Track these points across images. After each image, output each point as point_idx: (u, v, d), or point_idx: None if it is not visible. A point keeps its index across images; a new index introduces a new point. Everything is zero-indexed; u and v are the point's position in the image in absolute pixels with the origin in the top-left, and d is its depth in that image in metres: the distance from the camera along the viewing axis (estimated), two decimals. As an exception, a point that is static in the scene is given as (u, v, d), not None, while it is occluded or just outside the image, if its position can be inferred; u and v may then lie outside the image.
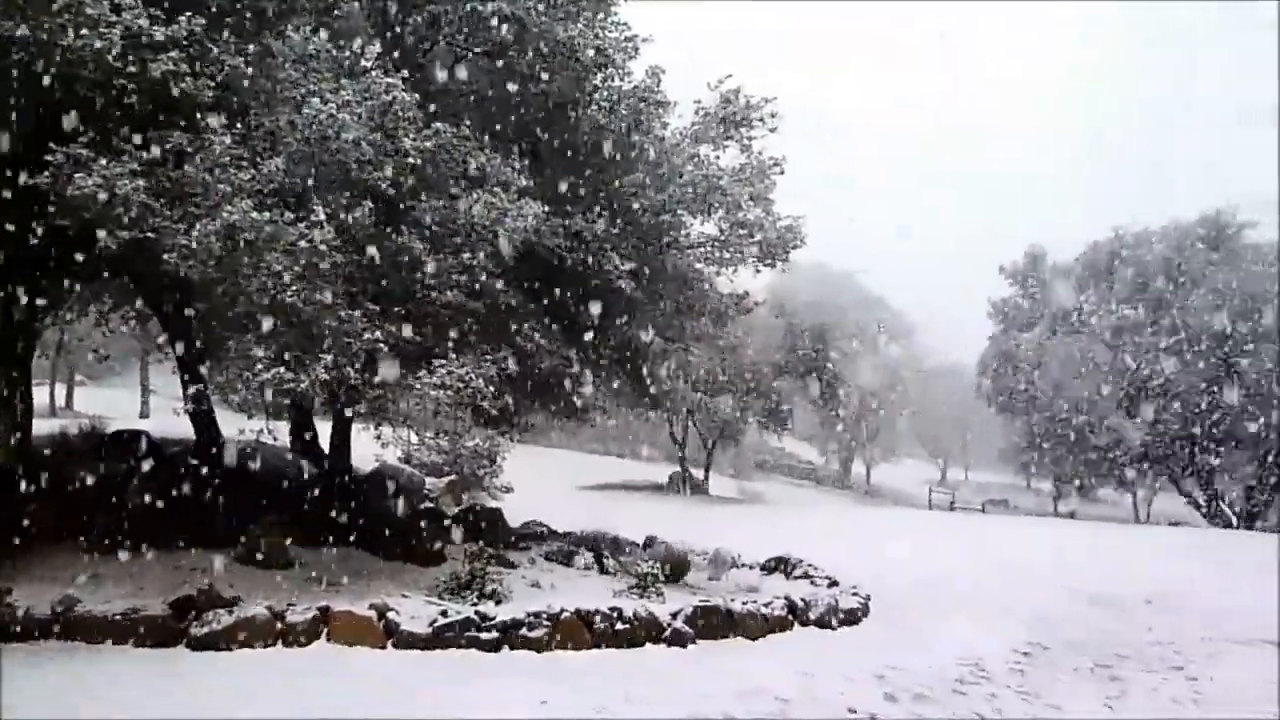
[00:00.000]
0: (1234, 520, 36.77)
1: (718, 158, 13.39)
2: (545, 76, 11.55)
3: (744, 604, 10.37)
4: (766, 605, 10.58)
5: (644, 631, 9.28)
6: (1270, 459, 35.81)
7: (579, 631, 8.95)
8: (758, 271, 14.18)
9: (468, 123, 10.47)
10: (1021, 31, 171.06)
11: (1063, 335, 38.84)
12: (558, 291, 12.26)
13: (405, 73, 9.97)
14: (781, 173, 13.39)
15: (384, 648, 8.30)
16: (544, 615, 8.85)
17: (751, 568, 13.81)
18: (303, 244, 8.56)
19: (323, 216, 8.90)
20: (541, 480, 32.59)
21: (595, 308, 12.47)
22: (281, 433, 13.21)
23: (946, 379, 62.79)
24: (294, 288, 8.54)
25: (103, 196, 7.92)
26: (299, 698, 6.68)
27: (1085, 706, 8.19)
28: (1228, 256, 36.62)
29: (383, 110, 9.42)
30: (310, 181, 9.34)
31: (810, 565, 13.70)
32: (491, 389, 9.86)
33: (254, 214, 8.32)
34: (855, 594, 12.09)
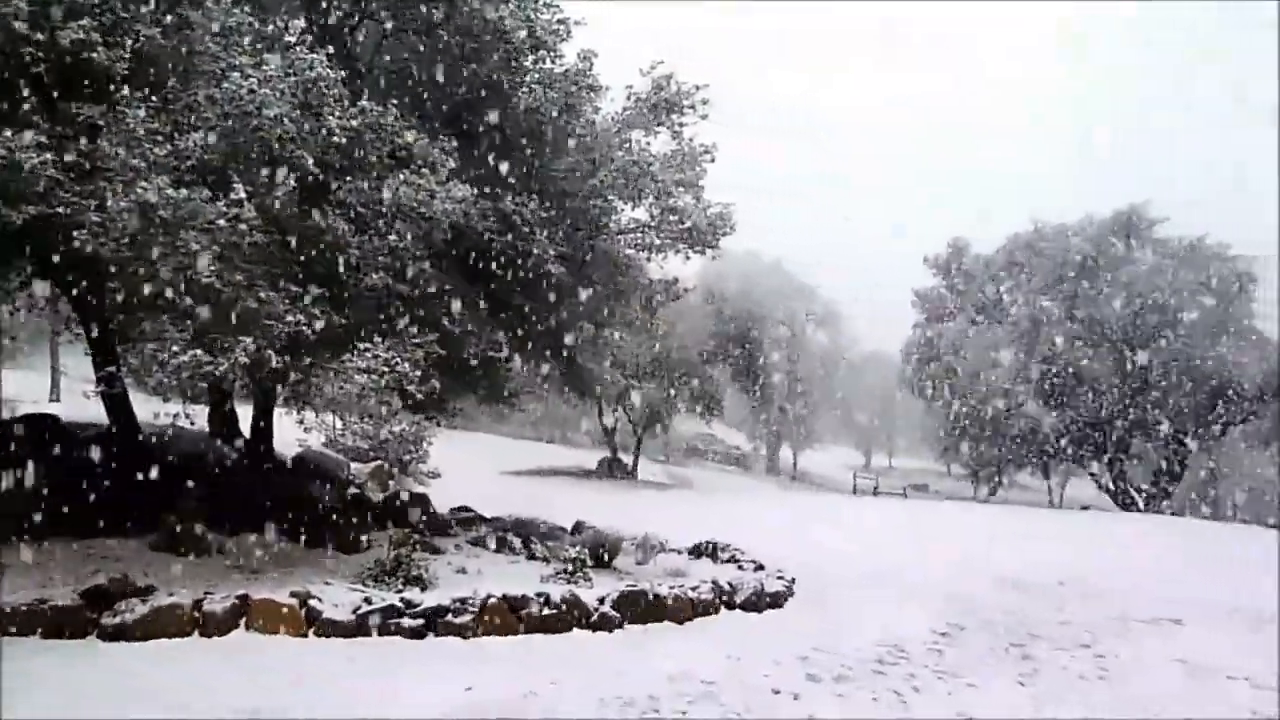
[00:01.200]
0: (1140, 504, 38.32)
1: (649, 144, 13.41)
2: (475, 58, 11.39)
3: (671, 588, 10.44)
4: (694, 589, 10.67)
5: (571, 616, 9.28)
6: (1174, 446, 37.41)
7: (506, 617, 8.91)
8: (687, 258, 14.27)
9: (395, 102, 10.26)
10: (1020, 31, 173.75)
11: (983, 325, 39.89)
12: (487, 275, 12.15)
13: (330, 49, 9.75)
14: (712, 160, 13.48)
15: (305, 636, 8.15)
16: (470, 601, 8.79)
17: (679, 552, 13.90)
18: (222, 223, 8.31)
19: (243, 195, 8.66)
20: (469, 465, 32.33)
21: (525, 292, 12.40)
22: (200, 417, 12.86)
23: (872, 367, 64.08)
24: (212, 268, 8.29)
25: (5, 168, 7.57)
26: (210, 689, 6.51)
27: (1000, 685, 8.44)
28: (1140, 251, 38.01)
29: (306, 87, 9.18)
30: (230, 158, 9.07)
31: (737, 550, 13.85)
32: (418, 373, 9.73)
33: (170, 191, 8.04)
34: (781, 578, 12.27)
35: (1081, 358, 36.22)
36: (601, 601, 9.60)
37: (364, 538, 11.50)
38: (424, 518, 13.82)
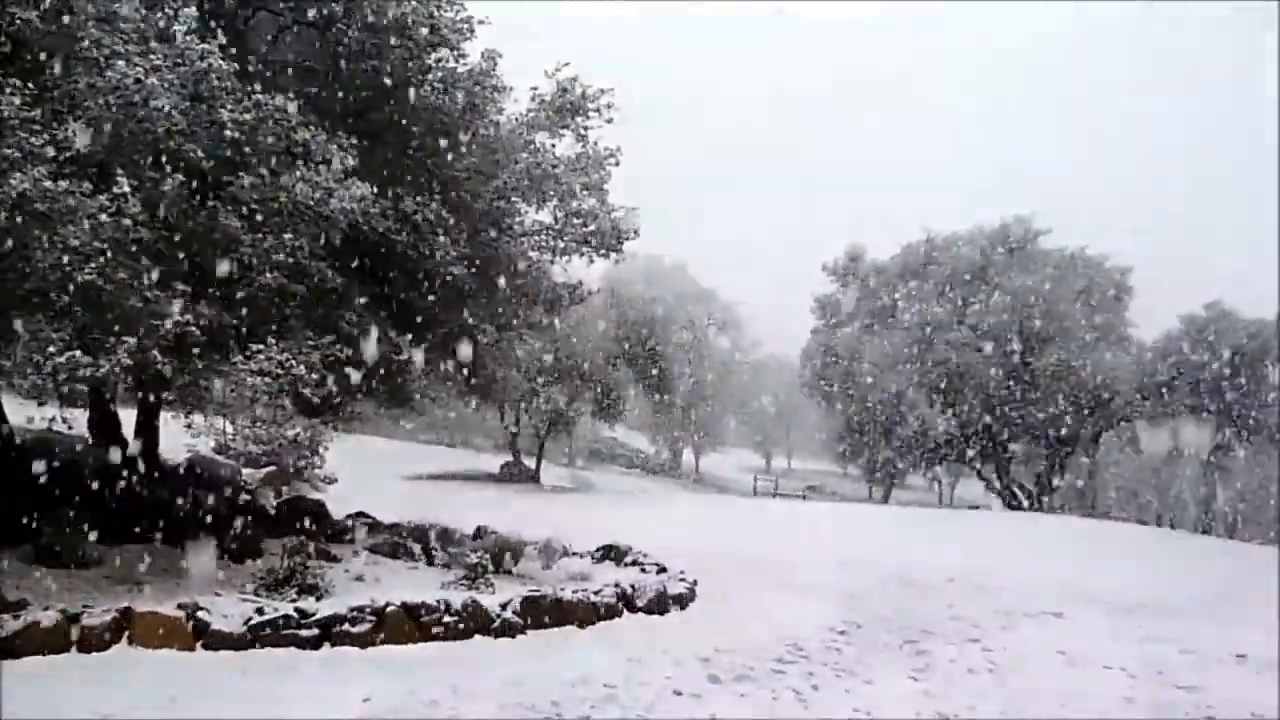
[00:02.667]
0: (1025, 503, 39.98)
1: (553, 146, 13.34)
2: (376, 54, 11.15)
3: (574, 592, 10.41)
4: (597, 593, 10.66)
5: (473, 623, 9.15)
6: (1055, 448, 39.18)
7: (405, 625, 8.73)
8: (591, 261, 14.25)
9: (292, 97, 9.95)
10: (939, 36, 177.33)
11: (879, 330, 41.01)
12: (386, 276, 11.90)
13: (224, 40, 9.39)
14: (617, 164, 13.50)
15: (193, 649, 7.81)
16: (368, 609, 8.58)
17: (583, 556, 13.87)
18: (104, 217, 7.93)
19: (128, 189, 8.27)
20: (368, 471, 31.62)
21: (426, 294, 12.19)
22: (79, 421, 12.24)
23: (772, 370, 65.27)
24: (94, 264, 7.90)
25: None
26: (86, 707, 6.17)
27: (894, 680, 8.69)
28: (1024, 260, 39.66)
29: (197, 78, 8.84)
30: (114, 151, 8.66)
31: (640, 553, 13.89)
32: (314, 376, 9.47)
33: (48, 183, 7.62)
34: (683, 580, 12.36)
35: (971, 363, 37.59)
36: (503, 607, 9.50)
37: (256, 546, 11.12)
38: (320, 524, 13.47)
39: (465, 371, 14.50)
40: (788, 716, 7.31)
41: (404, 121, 11.69)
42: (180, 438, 12.42)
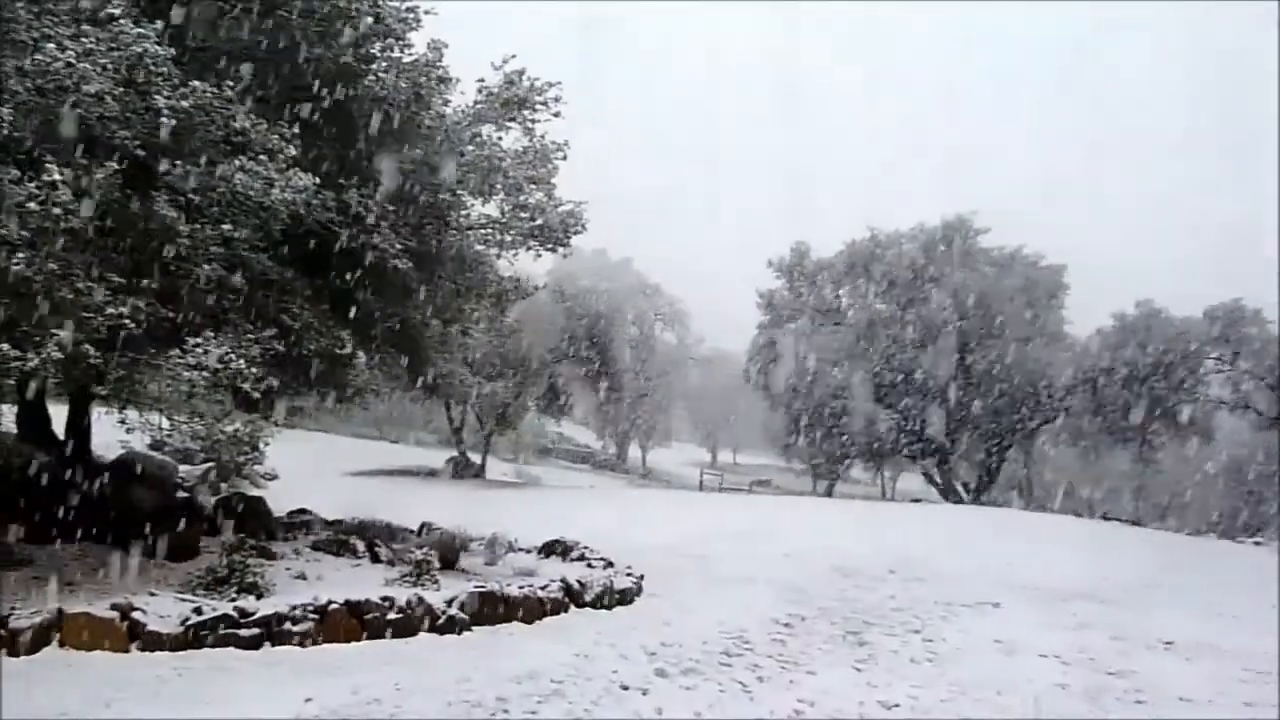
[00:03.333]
0: (965, 496, 40.80)
1: (500, 139, 13.23)
2: (319, 42, 10.94)
3: (520, 588, 10.36)
4: (543, 588, 10.63)
5: (418, 620, 9.07)
6: (994, 443, 40.03)
7: (348, 623, 8.62)
8: (538, 256, 14.18)
9: (231, 84, 9.73)
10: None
11: (823, 327, 41.49)
12: (329, 269, 11.70)
13: (159, 25, 9.14)
14: (564, 158, 13.43)
15: (128, 651, 7.62)
16: (310, 608, 8.45)
17: (529, 551, 13.82)
18: (33, 206, 7.67)
19: (58, 176, 8.00)
20: (311, 467, 31.09)
21: (370, 287, 12.01)
22: (8, 417, 11.85)
23: (718, 366, 65.62)
24: (21, 254, 7.64)
25: None
26: (12, 711, 5.99)
27: (838, 671, 8.80)
28: (964, 259, 40.42)
29: (132, 63, 8.58)
30: (44, 137, 8.38)
31: (586, 547, 13.88)
32: (254, 370, 9.26)
33: (-28, 170, 7.36)
34: (630, 574, 12.38)
35: (913, 359, 38.22)
36: (449, 604, 9.43)
37: (194, 544, 10.88)
38: (261, 522, 13.22)
39: (410, 366, 14.34)
40: (734, 709, 7.35)
41: (347, 111, 11.49)
42: (114, 434, 12.05)
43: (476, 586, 9.99)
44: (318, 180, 10.20)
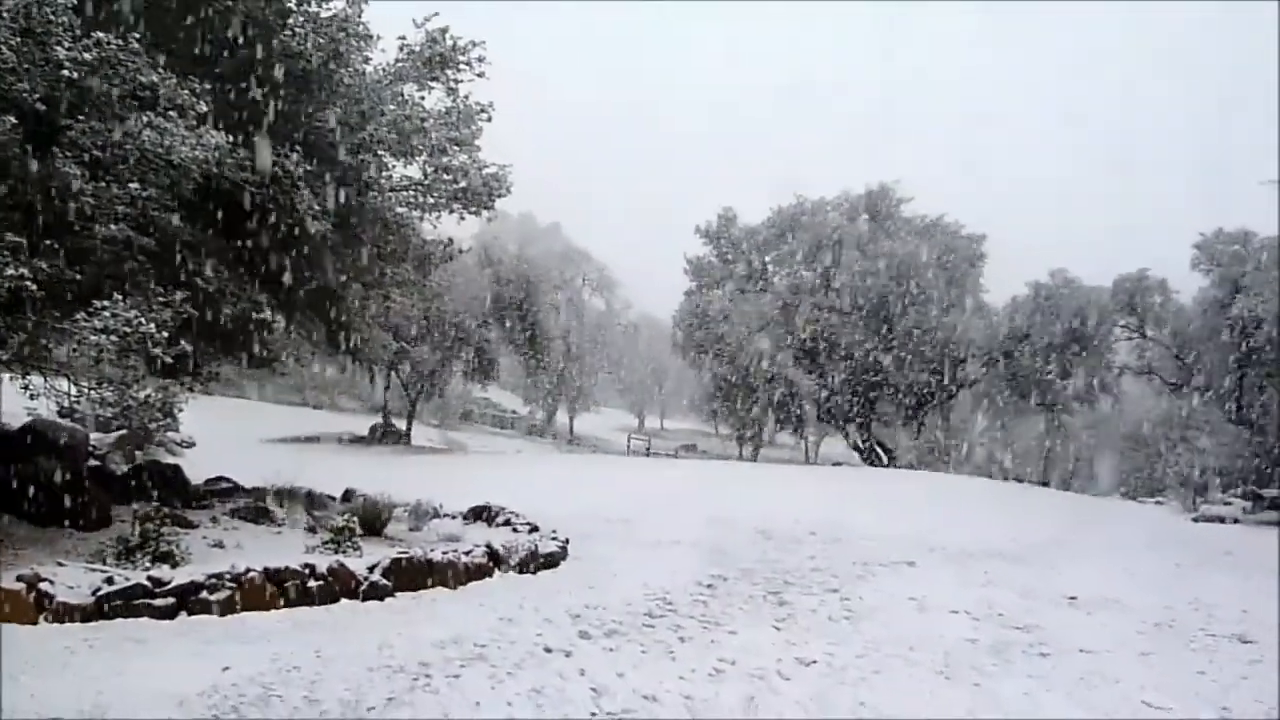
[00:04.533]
0: (885, 460, 41.82)
1: (423, 99, 12.97)
2: (231, -7, 10.56)
3: (444, 553, 10.33)
4: (467, 553, 10.62)
5: (339, 587, 8.99)
6: (914, 408, 41.06)
7: (267, 591, 8.49)
8: (462, 219, 13.99)
9: (139, 37, 9.33)
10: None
11: (749, 293, 41.84)
12: (245, 231, 11.38)
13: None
14: (489, 119, 13.23)
15: (36, 623, 7.39)
16: (227, 576, 8.30)
17: (454, 517, 13.77)
18: (-77, 161, 7.29)
19: (-50, 131, 7.61)
20: (230, 434, 30.38)
21: (288, 250, 11.73)
22: (-101, 383, 11.29)
23: (645, 331, 65.81)
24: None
25: None
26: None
27: (758, 630, 9.00)
28: (888, 227, 41.09)
29: (29, 12, 8.17)
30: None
31: (512, 513, 13.88)
32: (166, 334, 8.99)
33: None
34: (555, 538, 12.43)
35: (836, 326, 38.83)
36: (371, 570, 9.36)
37: (106, 514, 10.57)
38: (176, 490, 12.90)
39: (331, 331, 14.08)
40: (656, 669, 7.47)
41: (262, 68, 11.13)
42: (19, 400, 11.58)
43: (400, 552, 9.92)
44: (231, 138, 9.90)
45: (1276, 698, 7.59)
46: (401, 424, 38.78)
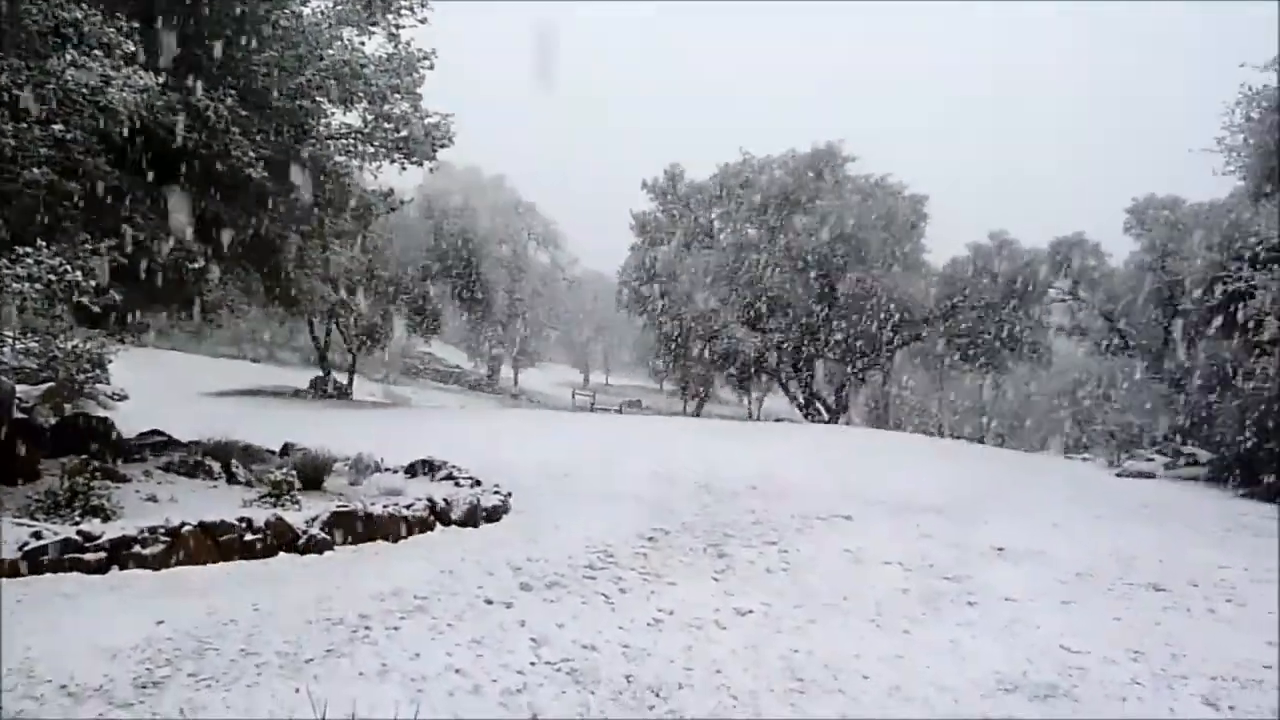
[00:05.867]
0: (827, 416, 42.49)
1: (363, 44, 12.64)
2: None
3: (385, 507, 10.29)
4: (408, 507, 10.59)
5: (277, 540, 8.92)
6: (856, 365, 41.70)
7: (203, 545, 8.40)
8: (403, 169, 13.72)
9: (59, -31, 8.93)
10: None
11: (695, 249, 41.87)
12: (178, 177, 11.05)
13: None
14: (431, 67, 12.95)
15: (-41, 578, 7.23)
16: (161, 530, 8.18)
17: (396, 471, 13.69)
18: None
19: None
20: (165, 387, 29.83)
21: (223, 197, 11.43)
22: None
23: (591, 287, 65.61)
24: None
25: None
26: None
27: (697, 582, 9.17)
28: (833, 186, 41.30)
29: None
30: None
31: (455, 467, 13.84)
32: (94, 283, 8.73)
33: None
34: (497, 492, 12.45)
35: (781, 283, 39.09)
36: (310, 524, 9.30)
37: (34, 467, 10.30)
38: (108, 444, 12.62)
39: (267, 281, 13.80)
40: (595, 619, 7.57)
41: (194, 7, 10.74)
42: (-63, 350, 11.24)
43: (339, 506, 9.86)
44: (161, 80, 9.56)
45: (1184, 643, 7.96)
46: (343, 378, 38.32)
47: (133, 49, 9.19)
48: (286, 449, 14.21)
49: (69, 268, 8.36)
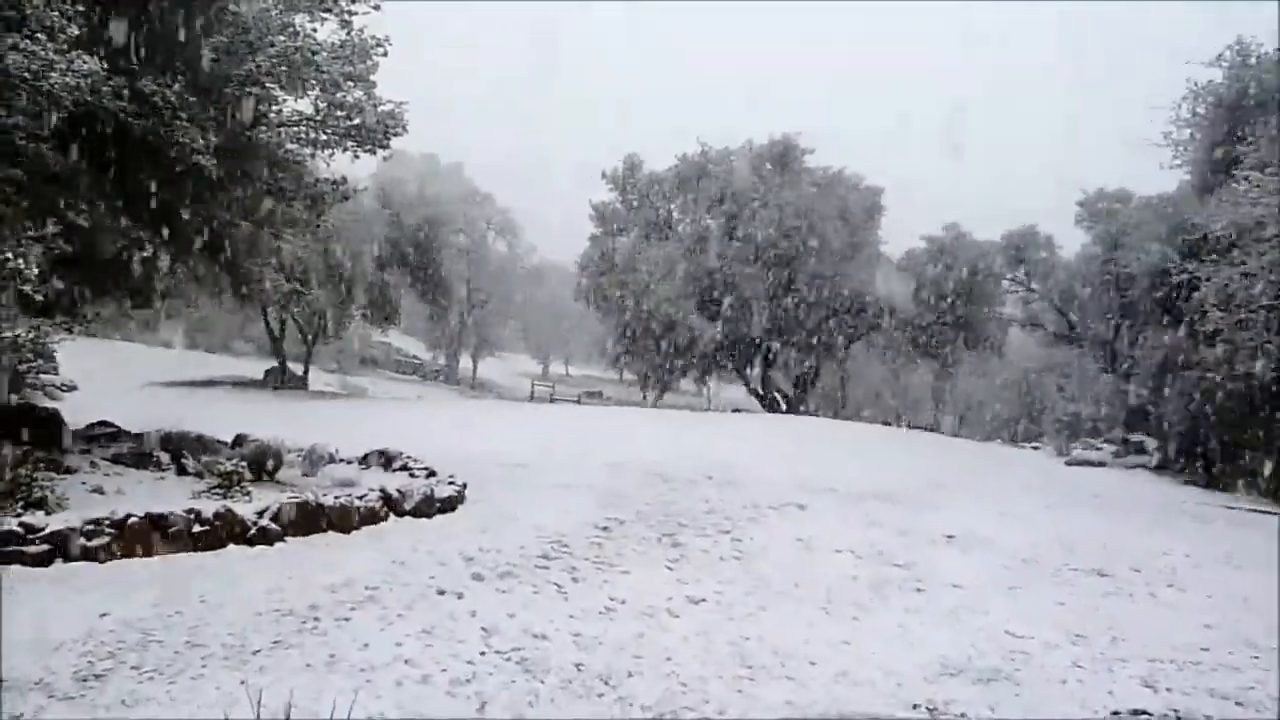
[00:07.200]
0: (784, 406, 42.84)
1: (315, 30, 12.48)
2: (103, -91, 9.92)
3: (337, 498, 10.21)
4: (361, 498, 10.51)
5: (226, 532, 8.81)
6: (813, 356, 42.07)
7: (150, 537, 8.27)
8: (356, 157, 13.60)
9: (-1, -49, 8.73)
10: None
11: (654, 240, 41.92)
12: (125, 164, 10.86)
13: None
14: (385, 54, 12.83)
15: (-105, 573, 7.07)
16: (106, 522, 8.04)
17: (350, 462, 13.60)
18: None
19: None
20: (114, 377, 29.32)
21: (172, 185, 11.25)
22: None
23: (550, 276, 65.42)
24: None
25: None
26: None
27: (650, 571, 9.23)
28: (791, 178, 41.54)
29: None
30: None
31: (410, 457, 13.78)
32: (38, 271, 8.58)
33: None
34: (452, 483, 12.40)
35: (739, 274, 39.29)
36: (260, 515, 9.19)
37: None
38: (53, 435, 12.38)
39: (218, 270, 13.62)
40: (547, 608, 7.60)
41: (140, -10, 10.55)
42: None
43: (290, 497, 9.76)
44: (107, 65, 9.38)
45: (1124, 627, 8.19)
46: (298, 368, 37.89)
47: (77, 33, 9.02)
48: (239, 440, 14.02)
49: (10, 255, 8.20)
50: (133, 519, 8.22)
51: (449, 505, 11.72)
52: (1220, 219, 20.05)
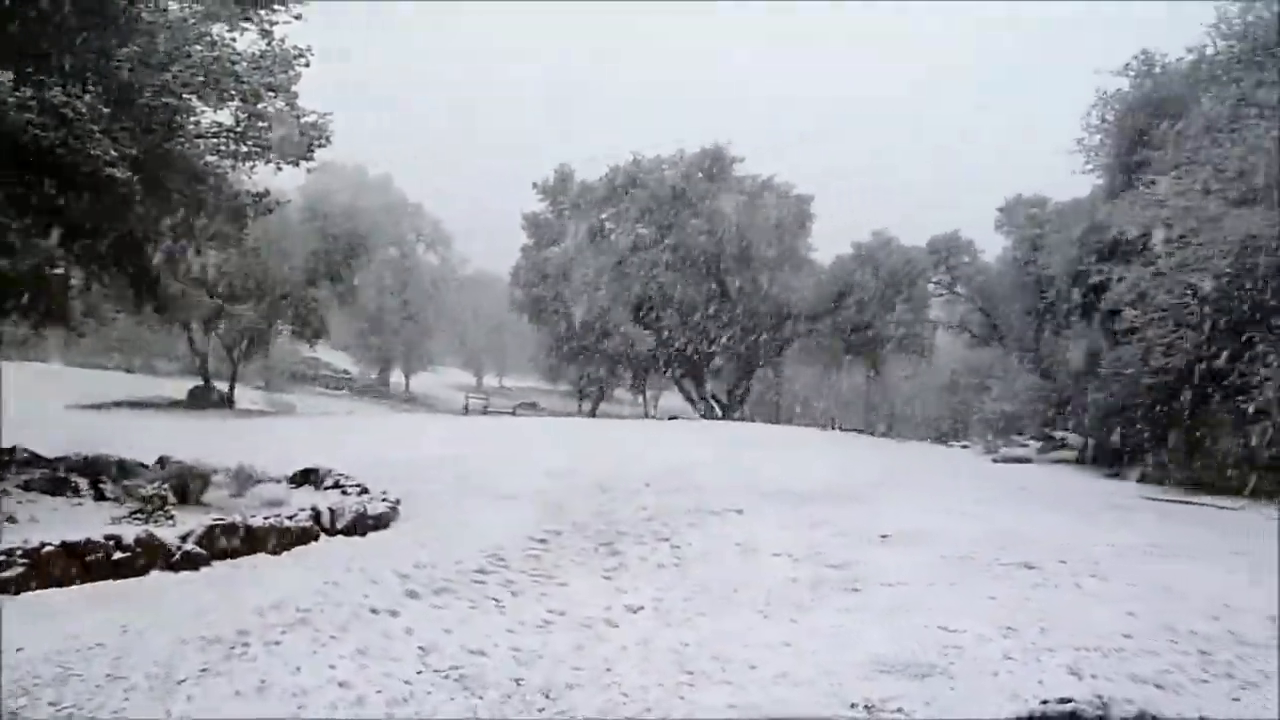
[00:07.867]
0: (720, 413, 43.13)
1: (234, 40, 12.20)
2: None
3: (266, 519, 9.95)
4: (291, 518, 10.26)
5: (148, 558, 8.50)
6: (746, 362, 42.49)
7: (66, 566, 7.93)
8: (279, 169, 13.31)
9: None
10: None
11: (588, 250, 41.89)
12: (35, 177, 10.46)
13: None
14: (307, 64, 12.60)
15: None
16: (18, 552, 7.69)
17: (279, 482, 13.24)
18: None
19: None
20: (28, 399, 28.10)
21: (86, 199, 10.87)
22: None
23: (483, 288, 64.94)
24: None
25: None
26: None
27: (588, 581, 9.18)
28: (722, 187, 41.92)
29: None
30: None
31: (341, 475, 13.50)
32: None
33: None
34: (385, 499, 12.20)
35: (672, 283, 39.50)
36: (184, 539, 8.90)
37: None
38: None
39: (136, 286, 13.20)
40: (484, 623, 7.50)
41: (48, -1, 10.18)
42: None
43: (215, 519, 9.48)
44: (14, 75, 9.04)
45: (1052, 617, 8.39)
46: (224, 386, 36.92)
47: (-22, 42, 8.67)
48: (162, 462, 13.57)
49: (-91, 275, 7.83)
50: (48, 548, 7.88)
51: (382, 522, 11.52)
52: (1130, 221, 20.77)
